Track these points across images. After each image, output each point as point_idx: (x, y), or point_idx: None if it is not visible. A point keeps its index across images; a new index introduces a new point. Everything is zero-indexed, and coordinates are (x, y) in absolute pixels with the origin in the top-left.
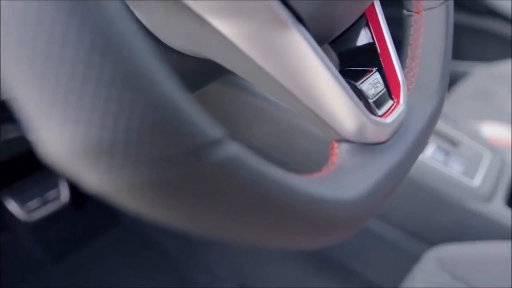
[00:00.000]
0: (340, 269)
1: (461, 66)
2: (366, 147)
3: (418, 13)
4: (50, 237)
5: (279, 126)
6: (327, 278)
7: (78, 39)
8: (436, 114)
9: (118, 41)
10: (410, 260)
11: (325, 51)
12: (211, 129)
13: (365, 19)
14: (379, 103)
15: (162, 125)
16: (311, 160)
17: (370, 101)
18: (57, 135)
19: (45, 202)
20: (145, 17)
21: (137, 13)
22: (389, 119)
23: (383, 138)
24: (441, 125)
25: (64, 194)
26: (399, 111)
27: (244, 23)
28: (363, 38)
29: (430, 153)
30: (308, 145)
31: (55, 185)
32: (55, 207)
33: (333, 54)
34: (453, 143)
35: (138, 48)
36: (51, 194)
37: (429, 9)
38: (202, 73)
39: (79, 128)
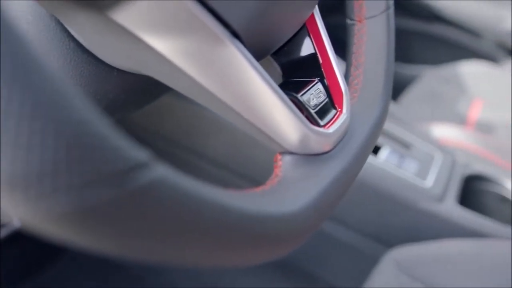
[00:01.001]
0: (303, 275)
1: (412, 69)
2: (310, 158)
3: (360, 22)
4: (4, 265)
5: (236, 137)
6: (290, 285)
7: None
8: (381, 120)
9: (25, 68)
10: (370, 263)
11: (268, 63)
12: (134, 152)
13: (306, 30)
14: (322, 113)
15: (78, 152)
16: (270, 170)
17: (312, 111)
18: None
19: None
20: (81, 36)
21: (73, 32)
22: (332, 128)
23: (327, 148)
24: (394, 128)
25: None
26: (342, 120)
27: (179, 40)
28: (305, 48)
29: (384, 156)
30: (265, 155)
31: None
32: (7, 232)
33: (276, 65)
34: (406, 145)
35: (48, 74)
36: (1, 219)
37: (370, 17)
38: (146, 89)
39: None
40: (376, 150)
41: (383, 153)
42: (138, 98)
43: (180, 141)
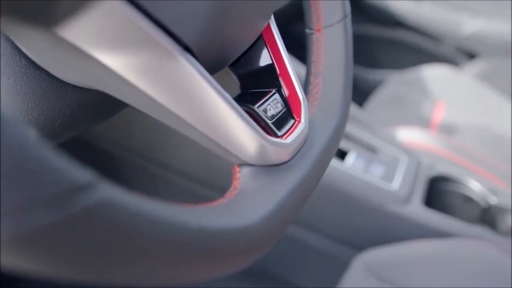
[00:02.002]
0: (274, 281)
1: (376, 74)
2: (268, 168)
3: (318, 31)
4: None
5: (205, 149)
6: None
7: None
8: (340, 127)
9: None
10: (341, 267)
11: (226, 74)
12: (77, 173)
13: (263, 40)
14: (279, 123)
15: (16, 177)
16: None
17: (269, 122)
18: None
19: None
20: (32, 53)
21: (24, 49)
22: (290, 138)
23: (285, 158)
24: (360, 133)
25: None
26: (301, 129)
27: (129, 56)
28: (262, 59)
29: (351, 161)
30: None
31: None
32: None
33: (234, 77)
34: (372, 150)
35: None
36: None
37: (328, 27)
38: (103, 105)
39: None
40: (343, 155)
41: (350, 158)
42: (95, 113)
43: (149, 154)
